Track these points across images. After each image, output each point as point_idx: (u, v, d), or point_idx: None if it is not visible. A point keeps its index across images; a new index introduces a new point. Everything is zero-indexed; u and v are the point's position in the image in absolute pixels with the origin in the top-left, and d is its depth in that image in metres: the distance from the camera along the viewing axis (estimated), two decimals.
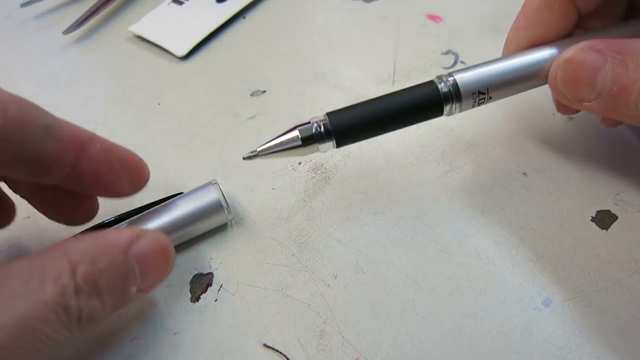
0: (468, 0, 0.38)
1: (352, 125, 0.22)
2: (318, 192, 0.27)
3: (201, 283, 0.24)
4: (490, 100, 0.23)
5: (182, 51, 0.36)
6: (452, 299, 0.22)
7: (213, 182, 0.25)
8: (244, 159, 0.22)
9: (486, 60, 0.23)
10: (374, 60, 0.34)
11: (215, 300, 0.23)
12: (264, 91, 0.33)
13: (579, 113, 0.28)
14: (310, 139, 0.22)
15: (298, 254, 0.24)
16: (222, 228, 0.26)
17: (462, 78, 0.22)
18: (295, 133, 0.22)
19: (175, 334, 0.22)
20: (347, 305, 0.22)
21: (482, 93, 0.23)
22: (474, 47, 0.34)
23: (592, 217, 0.25)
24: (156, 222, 0.23)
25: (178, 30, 0.37)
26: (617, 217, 0.24)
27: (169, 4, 0.40)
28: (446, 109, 0.23)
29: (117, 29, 0.39)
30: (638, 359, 0.20)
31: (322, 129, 0.22)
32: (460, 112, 0.23)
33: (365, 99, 0.32)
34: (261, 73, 0.34)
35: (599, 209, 0.25)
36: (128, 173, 0.22)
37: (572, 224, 0.24)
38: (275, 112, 0.32)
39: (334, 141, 0.22)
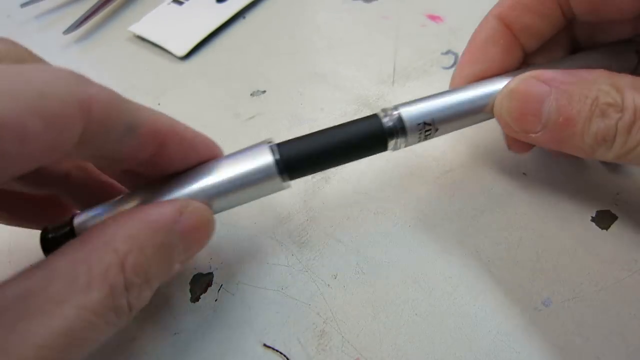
0: (468, 0, 0.38)
1: (298, 159, 0.21)
2: (318, 192, 0.27)
3: (201, 283, 0.24)
4: (437, 133, 0.22)
5: (182, 51, 0.36)
6: (452, 299, 0.22)
7: (268, 141, 0.21)
8: None
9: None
10: (374, 60, 0.34)
11: (215, 300, 0.23)
12: (264, 91, 0.33)
13: None
14: None
15: (298, 254, 0.24)
16: (223, 228, 0.26)
17: (408, 112, 0.22)
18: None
19: (175, 334, 0.22)
20: (347, 305, 0.22)
21: (428, 127, 0.22)
22: None
23: (592, 217, 0.25)
24: (193, 187, 0.20)
25: (178, 30, 0.37)
26: (617, 217, 0.24)
27: (169, 4, 0.40)
28: (390, 144, 0.22)
29: (117, 29, 0.39)
30: (638, 359, 0.20)
31: None
32: (405, 147, 0.22)
33: (365, 99, 0.32)
34: (261, 73, 0.34)
35: (599, 209, 0.25)
36: (202, 161, 0.20)
37: (572, 224, 0.24)
38: (275, 112, 0.31)
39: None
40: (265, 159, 0.20)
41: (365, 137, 0.21)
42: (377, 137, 0.21)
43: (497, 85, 0.22)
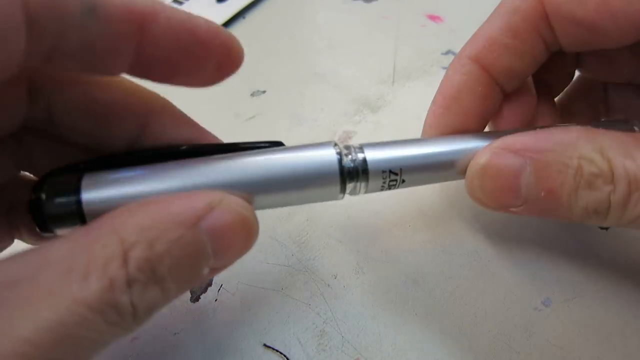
0: (468, 0, 0.38)
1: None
2: None
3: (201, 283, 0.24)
4: (403, 185, 0.20)
5: None
6: (452, 299, 0.22)
7: (334, 144, 0.18)
8: None
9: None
10: (374, 60, 0.34)
11: (215, 300, 0.23)
12: (264, 91, 0.33)
13: None
14: None
15: (298, 254, 0.24)
16: None
17: (374, 156, 0.19)
18: None
19: (175, 334, 0.22)
20: (347, 305, 0.22)
21: (393, 177, 0.19)
22: None
23: None
24: (235, 175, 0.17)
25: None
26: None
27: (169, 4, 0.40)
28: (349, 187, 0.19)
29: None
30: (638, 359, 0.20)
31: None
32: (365, 193, 0.20)
33: (365, 99, 0.32)
34: (261, 73, 0.34)
35: None
36: (212, 55, 0.16)
37: (573, 224, 0.24)
38: (275, 112, 0.31)
39: None
40: (330, 163, 0.18)
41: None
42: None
43: (473, 144, 0.20)
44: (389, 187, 0.20)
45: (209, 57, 0.16)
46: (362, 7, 0.38)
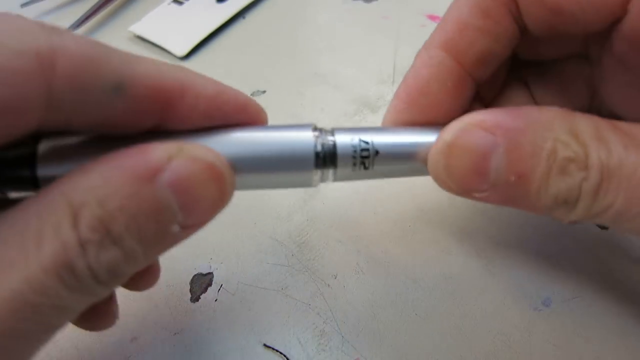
0: None
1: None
2: (318, 192, 0.27)
3: (201, 283, 0.24)
4: (376, 167, 0.18)
5: (182, 51, 0.36)
6: (452, 299, 0.22)
7: (313, 127, 0.18)
8: None
9: None
10: (374, 60, 0.34)
11: (215, 300, 0.23)
12: (264, 91, 0.33)
13: None
14: None
15: (298, 254, 0.24)
16: (222, 228, 0.26)
17: (344, 139, 0.18)
18: None
19: (175, 334, 0.22)
20: (347, 305, 0.22)
21: (364, 146, 0.18)
22: None
23: None
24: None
25: (178, 30, 0.37)
26: None
27: (169, 4, 0.40)
28: (318, 172, 0.17)
29: (118, 29, 0.39)
30: (638, 359, 0.20)
31: None
32: (333, 181, 0.18)
33: (365, 99, 0.32)
34: (261, 73, 0.34)
35: None
36: (237, 123, 0.17)
37: (573, 224, 0.24)
38: (275, 112, 0.31)
39: None
40: (305, 146, 0.17)
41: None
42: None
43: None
44: (362, 164, 0.18)
45: (233, 124, 0.17)
46: (362, 7, 0.39)
